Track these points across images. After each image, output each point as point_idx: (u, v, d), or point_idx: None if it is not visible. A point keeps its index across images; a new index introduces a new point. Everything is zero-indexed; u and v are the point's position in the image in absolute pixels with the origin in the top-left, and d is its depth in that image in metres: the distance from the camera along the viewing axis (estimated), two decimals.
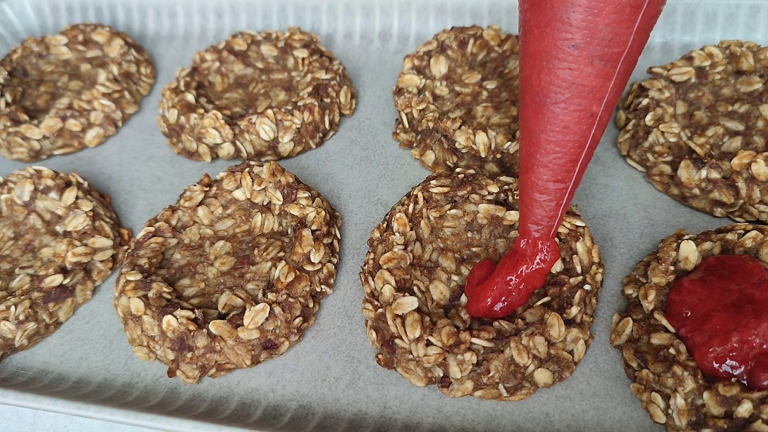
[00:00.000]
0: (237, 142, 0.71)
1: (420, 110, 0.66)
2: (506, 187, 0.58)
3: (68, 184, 0.66)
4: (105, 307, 0.62)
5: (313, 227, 0.59)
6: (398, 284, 0.54)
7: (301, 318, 0.55)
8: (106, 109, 0.77)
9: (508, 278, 0.52)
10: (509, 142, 0.62)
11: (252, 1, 0.87)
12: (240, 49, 0.79)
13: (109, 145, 0.78)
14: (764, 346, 0.45)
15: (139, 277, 0.57)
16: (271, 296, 0.54)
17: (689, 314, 0.49)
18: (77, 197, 0.65)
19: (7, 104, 0.79)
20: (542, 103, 0.47)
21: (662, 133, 0.62)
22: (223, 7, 0.88)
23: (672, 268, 0.53)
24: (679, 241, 0.54)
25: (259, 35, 0.80)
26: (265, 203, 0.63)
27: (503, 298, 0.52)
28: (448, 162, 0.66)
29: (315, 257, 0.57)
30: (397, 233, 0.57)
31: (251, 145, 0.71)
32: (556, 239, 0.54)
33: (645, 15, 0.42)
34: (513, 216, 0.57)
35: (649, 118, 0.63)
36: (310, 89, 0.72)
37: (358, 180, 0.69)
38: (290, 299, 0.55)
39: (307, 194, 0.62)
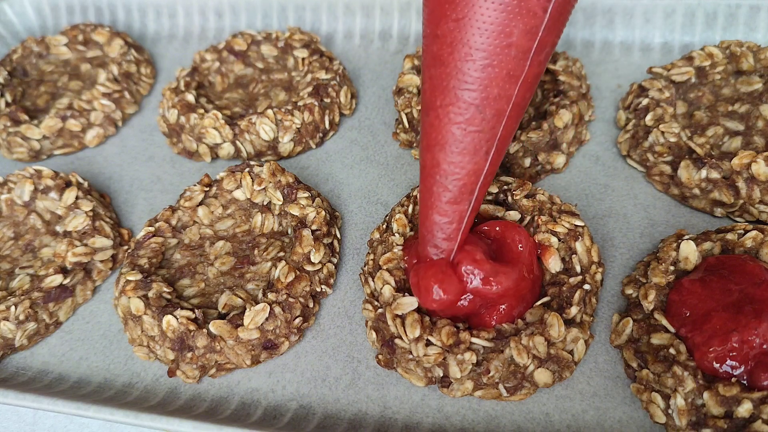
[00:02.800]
0: (237, 142, 0.71)
1: (420, 110, 0.66)
2: (505, 187, 0.58)
3: (68, 184, 0.66)
4: (105, 307, 0.62)
5: (313, 227, 0.59)
6: (398, 284, 0.54)
7: (301, 318, 0.55)
8: (106, 109, 0.77)
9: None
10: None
11: (252, 1, 0.87)
12: (240, 49, 0.79)
13: (109, 145, 0.78)
14: (764, 346, 0.45)
15: (139, 277, 0.57)
16: (271, 296, 0.54)
17: (689, 314, 0.49)
18: (77, 197, 0.65)
19: (7, 104, 0.79)
20: (443, 124, 0.48)
21: (662, 133, 0.62)
22: (223, 7, 0.88)
23: (672, 268, 0.53)
24: (679, 241, 0.54)
25: (259, 35, 0.80)
26: (265, 203, 0.63)
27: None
28: None
29: (315, 257, 0.57)
30: (396, 234, 0.57)
31: (251, 145, 0.71)
32: (556, 239, 0.54)
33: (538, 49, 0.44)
34: (513, 216, 0.57)
35: (649, 118, 0.63)
36: (310, 89, 0.72)
37: (358, 180, 0.69)
38: (290, 299, 0.55)
39: (307, 194, 0.62)
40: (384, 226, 0.59)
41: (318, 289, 0.58)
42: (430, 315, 0.52)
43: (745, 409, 0.44)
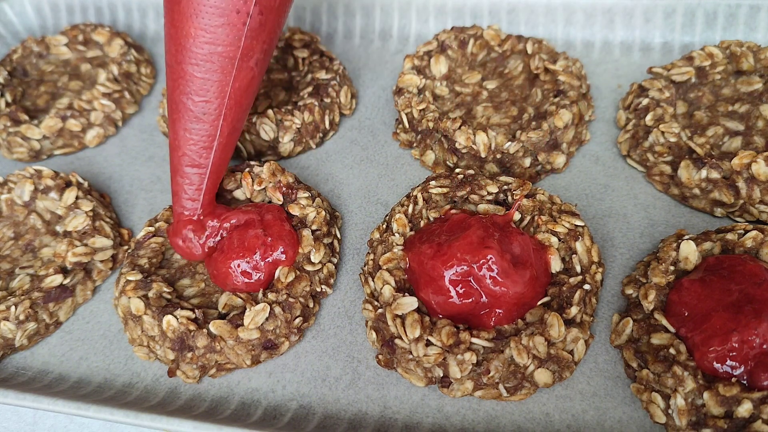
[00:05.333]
0: (237, 142, 0.71)
1: (420, 110, 0.66)
2: (506, 187, 0.58)
3: (68, 184, 0.66)
4: (105, 307, 0.62)
5: (314, 227, 0.59)
6: (398, 284, 0.54)
7: (301, 318, 0.55)
8: (106, 109, 0.77)
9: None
10: (509, 142, 0.62)
11: None
12: None
13: (109, 145, 0.78)
14: (764, 346, 0.45)
15: (139, 277, 0.57)
16: (271, 296, 0.54)
17: (689, 314, 0.49)
18: (77, 197, 0.65)
19: (7, 104, 0.79)
20: (177, 93, 0.56)
21: (662, 133, 0.62)
22: None
23: (672, 268, 0.53)
24: (679, 241, 0.54)
25: None
26: (265, 203, 0.63)
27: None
28: (448, 162, 0.66)
29: (315, 257, 0.57)
30: (396, 234, 0.57)
31: (251, 145, 0.71)
32: (556, 239, 0.54)
33: (252, 20, 0.54)
34: (514, 216, 0.57)
35: (649, 118, 0.63)
36: (310, 89, 0.72)
37: (358, 180, 0.69)
38: (290, 299, 0.55)
39: (307, 194, 0.62)
40: (384, 226, 0.59)
41: (318, 289, 0.58)
42: (431, 315, 0.52)
43: (745, 409, 0.44)
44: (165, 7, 0.56)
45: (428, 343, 0.50)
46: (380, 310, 0.53)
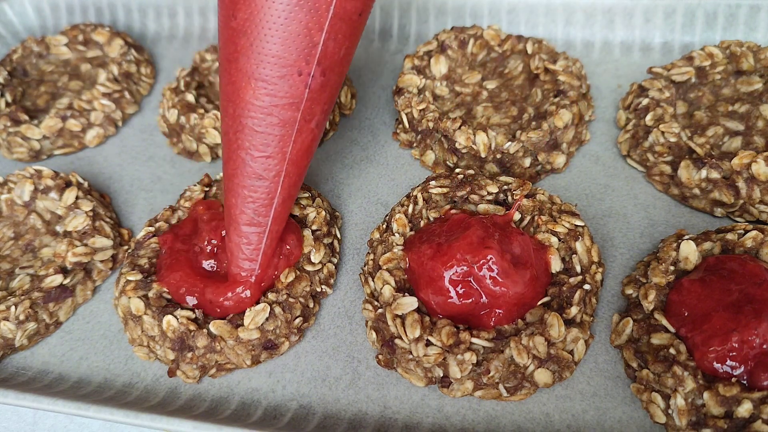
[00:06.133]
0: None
1: (420, 110, 0.66)
2: (505, 187, 0.58)
3: (68, 184, 0.66)
4: (105, 307, 0.62)
5: (314, 227, 0.59)
6: (398, 284, 0.54)
7: (301, 318, 0.55)
8: (106, 109, 0.77)
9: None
10: (509, 142, 0.62)
11: None
12: None
13: (109, 145, 0.78)
14: (764, 346, 0.45)
15: (139, 277, 0.57)
16: (271, 296, 0.54)
17: (689, 314, 0.49)
18: (77, 197, 0.65)
19: (7, 104, 0.79)
20: (234, 150, 0.52)
21: (662, 133, 0.62)
22: None
23: (672, 268, 0.53)
24: (679, 241, 0.54)
25: None
26: None
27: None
28: (448, 162, 0.66)
29: (315, 257, 0.57)
30: (396, 234, 0.57)
31: None
32: (556, 239, 0.54)
33: (314, 81, 0.50)
34: (514, 216, 0.57)
35: (649, 118, 0.63)
36: None
37: (358, 180, 0.69)
38: (290, 299, 0.55)
39: (307, 194, 0.62)
40: (384, 226, 0.59)
41: (318, 289, 0.58)
42: (430, 315, 0.52)
43: (745, 409, 0.44)
44: (221, 62, 0.52)
45: (428, 343, 0.50)
46: (380, 310, 0.53)
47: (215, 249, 0.57)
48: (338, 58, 0.51)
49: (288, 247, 0.56)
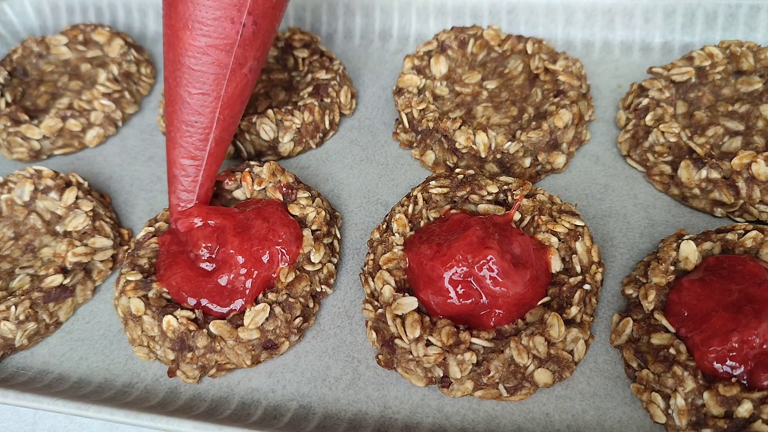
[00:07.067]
0: (237, 142, 0.71)
1: (420, 110, 0.66)
2: (505, 187, 0.58)
3: (68, 184, 0.66)
4: (105, 307, 0.62)
5: (314, 227, 0.59)
6: (398, 284, 0.54)
7: (301, 318, 0.55)
8: (106, 109, 0.77)
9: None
10: (509, 142, 0.62)
11: None
12: None
13: (109, 145, 0.78)
14: (764, 346, 0.45)
15: (139, 277, 0.57)
16: (271, 296, 0.54)
17: (689, 314, 0.49)
18: (77, 197, 0.65)
19: (7, 104, 0.79)
20: (175, 87, 0.58)
21: (662, 133, 0.62)
22: None
23: (672, 268, 0.53)
24: (679, 241, 0.54)
25: None
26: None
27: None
28: (448, 162, 0.66)
29: (315, 257, 0.57)
30: (396, 234, 0.57)
31: (251, 145, 0.71)
32: (556, 239, 0.54)
33: (245, 29, 0.56)
34: (514, 216, 0.57)
35: (649, 118, 0.63)
36: (310, 89, 0.72)
37: (358, 180, 0.69)
38: (290, 299, 0.55)
39: (307, 194, 0.62)
40: (384, 226, 0.59)
41: (318, 289, 0.58)
42: (430, 315, 0.52)
43: (745, 409, 0.44)
44: (164, 8, 0.57)
45: (428, 343, 0.50)
46: (380, 310, 0.53)
47: (213, 252, 0.57)
48: (269, 7, 0.56)
49: (281, 240, 0.56)
